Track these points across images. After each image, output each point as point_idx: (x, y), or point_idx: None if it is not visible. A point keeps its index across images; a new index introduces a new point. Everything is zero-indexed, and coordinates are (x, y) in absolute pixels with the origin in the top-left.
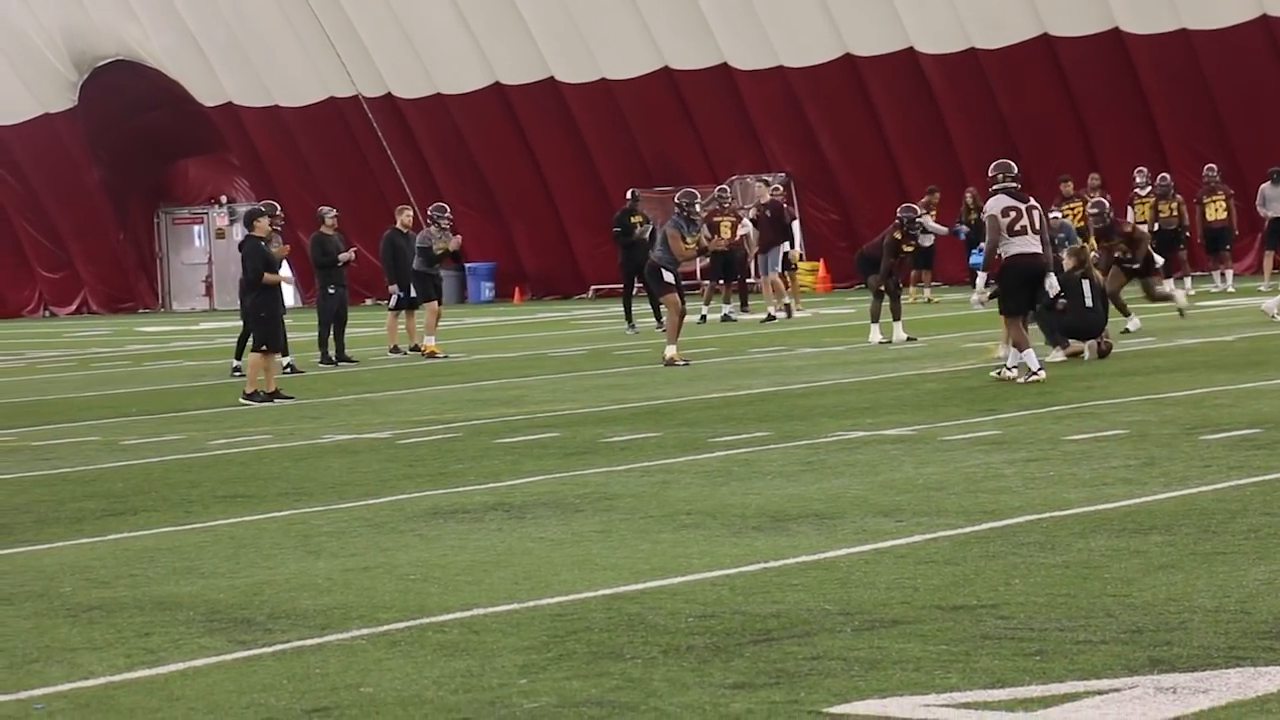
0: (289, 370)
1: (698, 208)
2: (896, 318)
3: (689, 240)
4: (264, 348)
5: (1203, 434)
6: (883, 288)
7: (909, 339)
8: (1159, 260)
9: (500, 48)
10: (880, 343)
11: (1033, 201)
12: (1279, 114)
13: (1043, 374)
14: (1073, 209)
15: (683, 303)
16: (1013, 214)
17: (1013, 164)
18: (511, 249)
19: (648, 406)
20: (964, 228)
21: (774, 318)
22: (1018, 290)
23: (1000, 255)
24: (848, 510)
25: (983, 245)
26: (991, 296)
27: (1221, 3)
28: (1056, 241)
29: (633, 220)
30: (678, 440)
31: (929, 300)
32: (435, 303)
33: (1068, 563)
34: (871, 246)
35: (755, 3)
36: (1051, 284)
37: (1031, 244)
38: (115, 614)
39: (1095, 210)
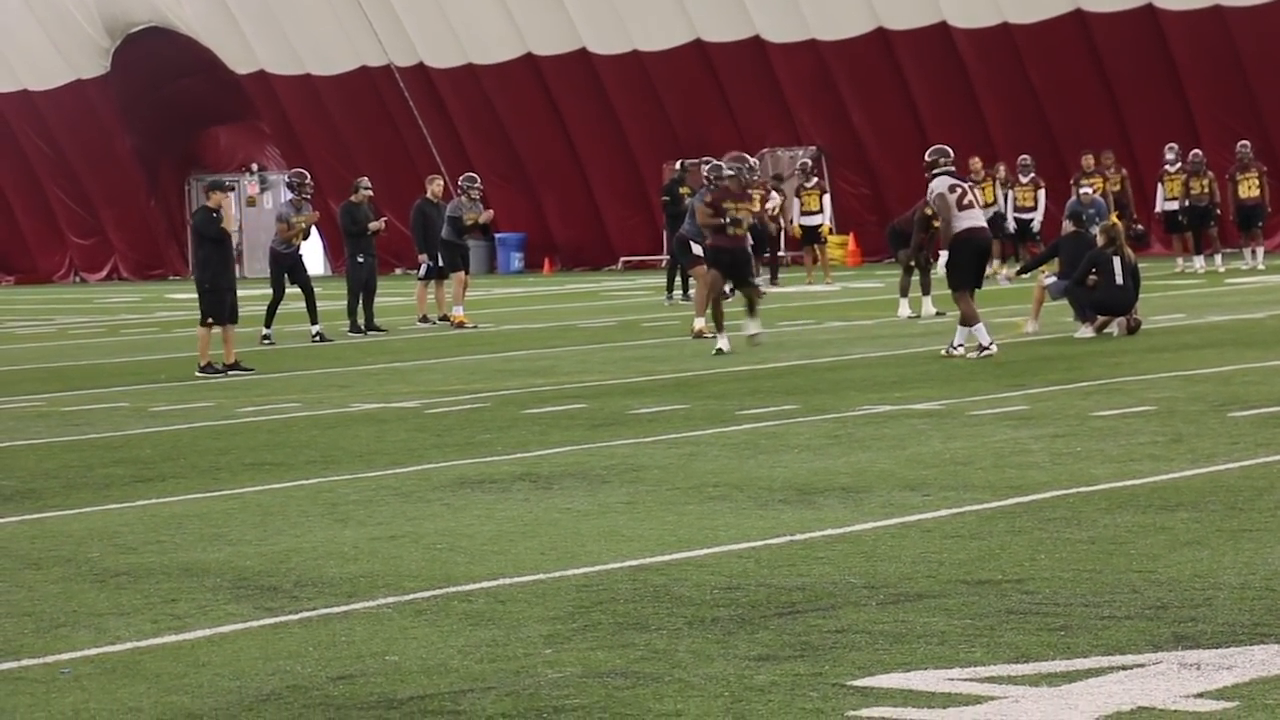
0: (318, 339)
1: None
2: (926, 292)
3: None
4: (209, 321)
5: (1231, 411)
6: (912, 262)
7: (938, 314)
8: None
9: (533, 18)
10: (909, 317)
11: (969, 182)
12: None
13: (994, 349)
14: (1093, 184)
15: None
16: (958, 190)
17: (949, 149)
18: (541, 220)
19: (675, 378)
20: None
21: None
22: (969, 264)
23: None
24: (874, 484)
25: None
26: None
27: None
28: (1086, 217)
29: (682, 191)
30: (705, 412)
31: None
32: (462, 273)
33: (1093, 538)
34: (902, 221)
35: None
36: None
37: (979, 218)
38: (142, 580)
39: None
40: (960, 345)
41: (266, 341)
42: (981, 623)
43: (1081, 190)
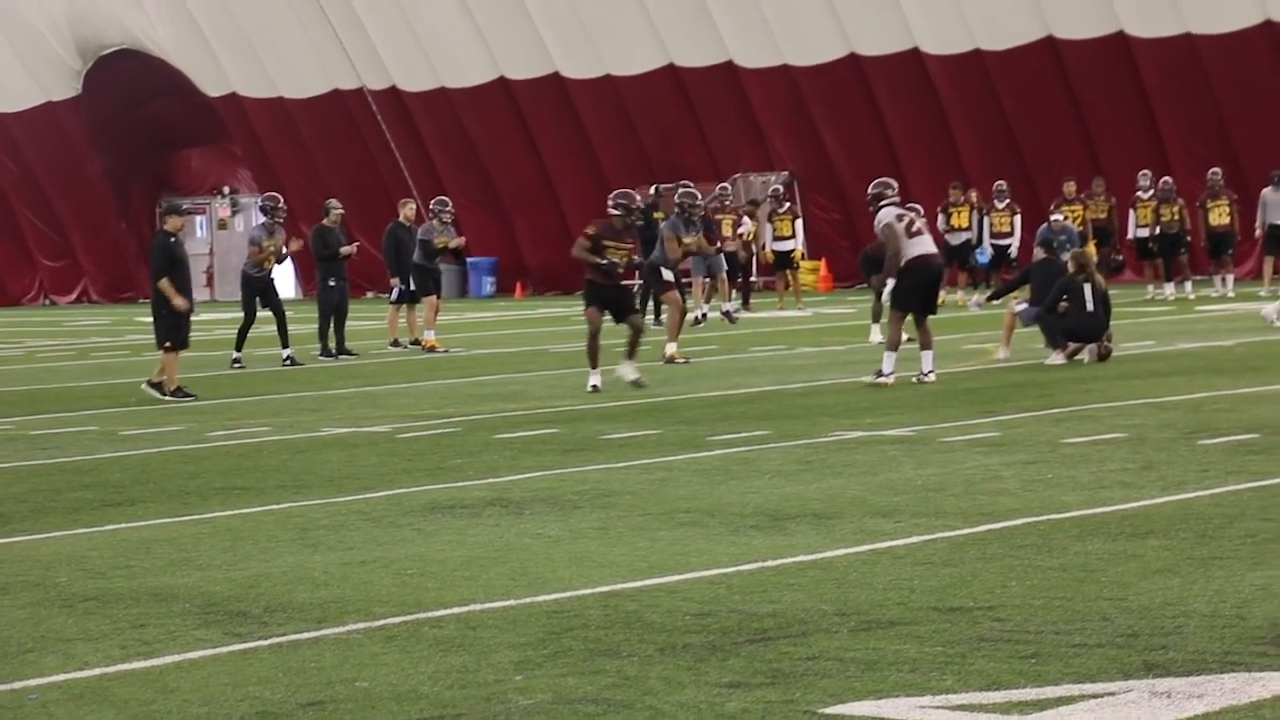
0: (288, 362)
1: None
2: None
3: (686, 240)
4: (167, 345)
5: (1201, 438)
6: (885, 288)
7: (908, 339)
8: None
9: (505, 42)
10: (880, 343)
11: (917, 211)
12: None
13: (891, 379)
14: (1073, 211)
15: (684, 300)
16: (906, 219)
17: (893, 181)
18: (513, 244)
19: (647, 404)
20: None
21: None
22: (917, 290)
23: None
24: (846, 510)
25: (983, 246)
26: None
27: (1226, 7)
28: (1057, 244)
29: (655, 216)
30: (677, 438)
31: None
32: (434, 297)
33: (1064, 566)
34: (875, 246)
35: (761, 0)
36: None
37: (930, 245)
38: (111, 605)
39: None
40: (932, 373)
41: (237, 365)
42: (952, 650)
43: (1053, 217)
